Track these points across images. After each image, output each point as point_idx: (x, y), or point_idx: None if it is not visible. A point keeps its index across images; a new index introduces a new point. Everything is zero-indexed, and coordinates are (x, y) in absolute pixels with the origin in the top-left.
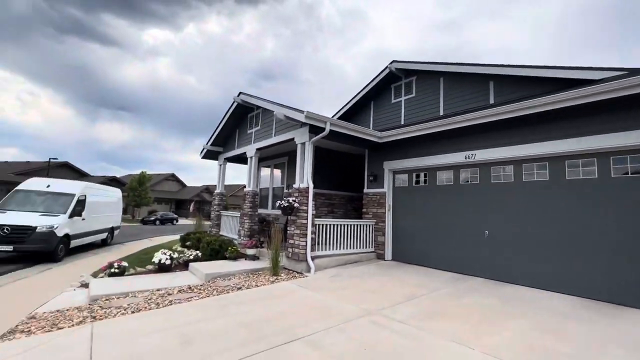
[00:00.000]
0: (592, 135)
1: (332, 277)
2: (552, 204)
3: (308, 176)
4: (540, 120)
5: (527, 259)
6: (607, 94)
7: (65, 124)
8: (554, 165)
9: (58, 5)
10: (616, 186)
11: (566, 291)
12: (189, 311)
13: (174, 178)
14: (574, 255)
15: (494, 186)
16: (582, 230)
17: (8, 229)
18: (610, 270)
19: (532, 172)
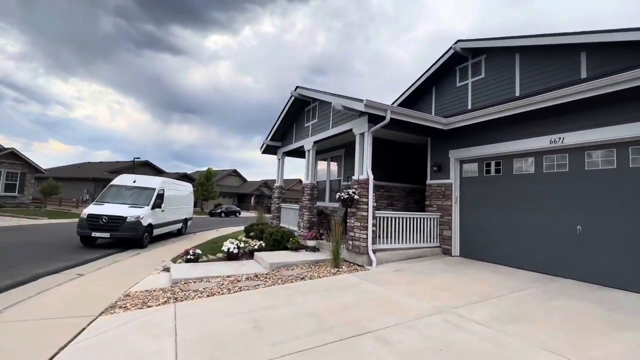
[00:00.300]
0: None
1: (396, 271)
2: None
3: (368, 167)
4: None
5: (637, 261)
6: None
7: (145, 128)
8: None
9: (136, 22)
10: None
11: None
12: (257, 298)
13: (236, 174)
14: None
15: (590, 174)
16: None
17: (106, 219)
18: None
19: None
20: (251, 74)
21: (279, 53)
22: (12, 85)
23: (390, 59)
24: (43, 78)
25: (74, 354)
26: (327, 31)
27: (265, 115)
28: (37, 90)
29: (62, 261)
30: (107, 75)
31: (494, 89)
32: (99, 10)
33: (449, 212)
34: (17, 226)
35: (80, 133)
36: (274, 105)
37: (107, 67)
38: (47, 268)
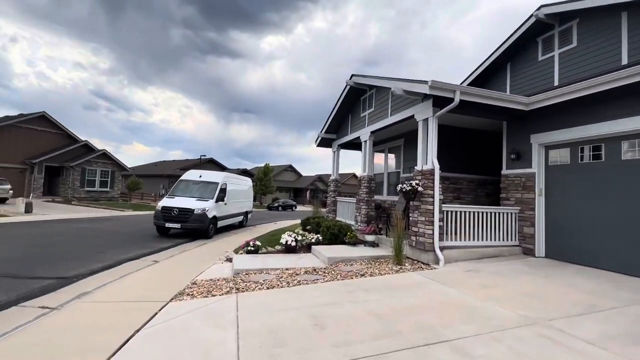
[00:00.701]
0: None
1: (468, 271)
2: None
3: (433, 157)
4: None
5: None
6: None
7: (209, 128)
8: None
9: (200, 31)
10: None
11: None
12: (316, 293)
13: (292, 169)
14: None
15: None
16: None
17: (176, 211)
18: None
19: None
20: (304, 71)
21: (331, 48)
22: (105, 96)
23: (448, 44)
24: (127, 89)
25: (145, 337)
26: (379, 21)
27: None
28: (123, 99)
29: (141, 248)
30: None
31: (591, 58)
32: (169, 23)
33: (531, 206)
34: (108, 217)
35: (157, 135)
36: (327, 101)
37: (177, 75)
38: (128, 254)
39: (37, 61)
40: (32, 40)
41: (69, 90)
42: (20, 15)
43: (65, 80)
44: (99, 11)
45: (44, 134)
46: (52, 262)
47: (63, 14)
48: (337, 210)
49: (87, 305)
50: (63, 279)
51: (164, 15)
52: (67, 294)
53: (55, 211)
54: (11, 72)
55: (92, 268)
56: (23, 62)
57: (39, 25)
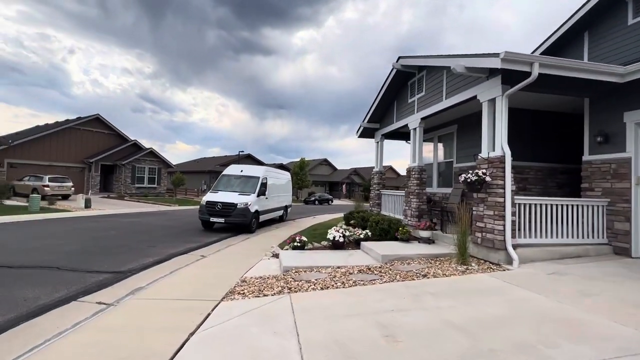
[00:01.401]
0: None
1: (552, 274)
2: None
3: (503, 142)
4: None
5: None
6: None
7: (245, 125)
8: None
9: (234, 31)
10: None
11: None
12: (377, 296)
13: (327, 163)
14: None
15: None
16: None
17: (220, 206)
18: None
19: None
20: (336, 63)
21: (362, 38)
22: (150, 99)
23: (490, 25)
24: (169, 91)
25: (200, 343)
26: (413, 7)
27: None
28: (165, 101)
29: (189, 242)
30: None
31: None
32: (205, 25)
33: (625, 198)
34: (157, 211)
35: (197, 134)
36: (359, 93)
37: (214, 75)
38: (177, 249)
39: (92, 69)
40: (86, 51)
41: (119, 95)
42: (75, 29)
43: (115, 86)
44: (142, 19)
45: (98, 135)
46: (108, 255)
47: (111, 24)
48: (382, 204)
49: (141, 302)
50: (118, 273)
51: (200, 17)
52: (122, 289)
53: (110, 206)
54: (70, 81)
55: (144, 262)
56: (80, 71)
57: (92, 36)
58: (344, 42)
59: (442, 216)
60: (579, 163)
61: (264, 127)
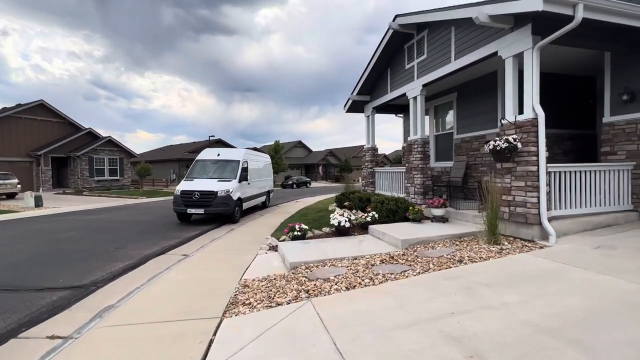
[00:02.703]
0: None
1: (598, 249)
2: None
3: (534, 102)
4: None
5: None
6: None
7: (211, 111)
8: None
9: (192, 9)
10: None
11: None
12: (421, 294)
13: (301, 145)
14: None
15: None
16: None
17: (198, 195)
18: None
19: None
20: (302, 43)
21: (329, 17)
22: (103, 85)
23: None
24: (125, 75)
25: None
26: None
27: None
28: (121, 87)
29: (165, 239)
30: (174, 65)
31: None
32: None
33: None
34: (122, 205)
35: (159, 122)
36: (328, 74)
37: (173, 57)
38: (152, 248)
39: (32, 54)
40: (23, 32)
41: (67, 81)
42: (7, 7)
43: (61, 72)
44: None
45: (45, 124)
46: (65, 264)
47: (50, 2)
48: (376, 182)
49: (112, 332)
50: (78, 289)
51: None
52: (84, 311)
53: (67, 203)
54: (8, 67)
55: (112, 270)
56: (18, 55)
57: (28, 16)
58: (310, 20)
59: (449, 192)
60: (585, 128)
61: (232, 111)
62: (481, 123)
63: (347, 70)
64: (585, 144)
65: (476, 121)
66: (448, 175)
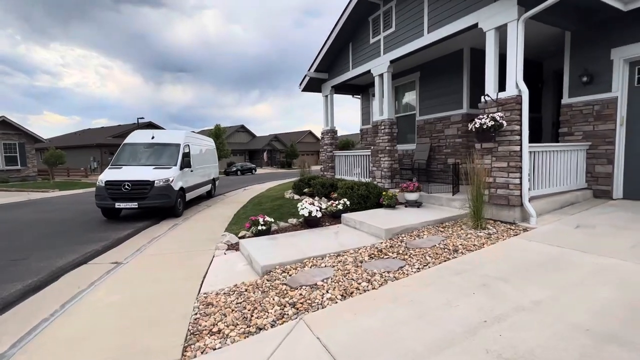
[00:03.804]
0: None
1: (578, 228)
2: None
3: (518, 78)
4: None
5: None
6: None
7: (138, 91)
8: None
9: None
10: None
11: None
12: (434, 295)
13: (244, 129)
14: None
15: None
16: None
17: (129, 185)
18: None
19: None
20: (239, 21)
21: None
22: None
23: None
24: (22, 46)
25: None
26: None
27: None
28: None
29: (87, 243)
30: (87, 37)
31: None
32: None
33: (609, 140)
34: (26, 201)
35: (74, 102)
36: (269, 57)
37: (85, 28)
38: (70, 257)
39: None
40: None
41: None
42: None
43: None
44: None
45: None
46: None
47: None
48: (336, 167)
49: None
50: None
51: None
52: None
53: None
54: None
55: (3, 297)
56: None
57: None
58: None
59: (414, 175)
60: (533, 111)
61: (163, 93)
62: (446, 104)
63: (288, 54)
64: (534, 127)
65: (440, 102)
66: (410, 158)
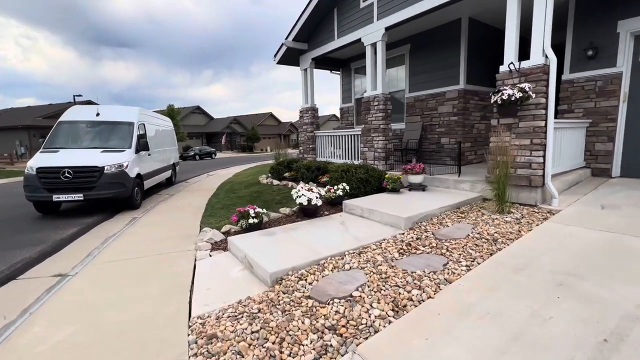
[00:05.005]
0: None
1: (605, 209)
2: None
3: (545, 44)
4: None
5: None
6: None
7: (71, 68)
8: None
9: None
10: None
11: None
12: (511, 303)
13: (200, 111)
14: None
15: None
16: None
17: (70, 173)
18: None
19: None
20: None
21: None
22: None
23: None
24: None
25: None
26: None
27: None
28: None
29: (17, 248)
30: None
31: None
32: None
33: (611, 117)
34: None
35: None
36: (222, 34)
37: None
38: None
39: None
40: None
41: None
42: None
43: None
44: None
45: None
46: None
47: None
48: (318, 148)
49: None
50: None
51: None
52: None
53: None
54: None
55: None
56: None
57: None
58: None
59: (405, 156)
60: None
61: (102, 70)
62: (440, 79)
63: (244, 32)
64: None
65: (434, 77)
66: (399, 138)
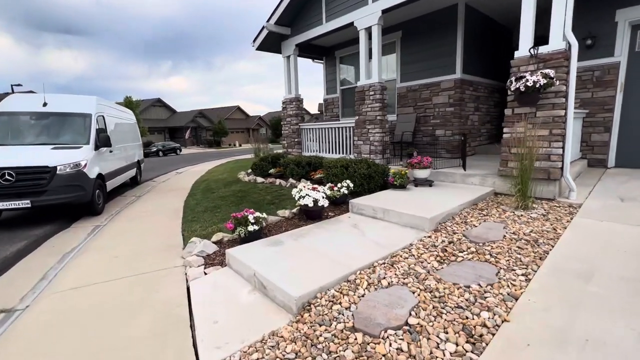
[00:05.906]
0: None
1: (625, 202)
2: None
3: (566, 29)
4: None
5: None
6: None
7: (7, 55)
8: None
9: None
10: None
11: None
12: (612, 329)
13: (161, 103)
14: None
15: None
16: None
17: (12, 175)
18: None
19: None
20: None
21: None
22: None
23: None
24: None
25: None
26: None
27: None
28: None
29: None
30: None
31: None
32: None
33: (608, 107)
34: None
35: None
36: (180, 22)
37: None
38: None
39: None
40: None
41: None
42: None
43: None
44: None
45: None
46: None
47: None
48: (304, 142)
49: None
50: None
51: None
52: None
53: None
54: None
55: None
56: None
57: None
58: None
59: (399, 149)
60: None
61: (45, 59)
62: (434, 68)
63: (206, 22)
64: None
65: (428, 66)
66: (390, 131)
